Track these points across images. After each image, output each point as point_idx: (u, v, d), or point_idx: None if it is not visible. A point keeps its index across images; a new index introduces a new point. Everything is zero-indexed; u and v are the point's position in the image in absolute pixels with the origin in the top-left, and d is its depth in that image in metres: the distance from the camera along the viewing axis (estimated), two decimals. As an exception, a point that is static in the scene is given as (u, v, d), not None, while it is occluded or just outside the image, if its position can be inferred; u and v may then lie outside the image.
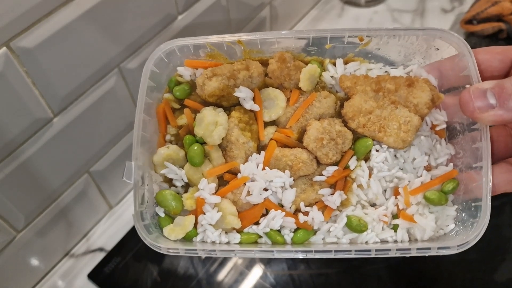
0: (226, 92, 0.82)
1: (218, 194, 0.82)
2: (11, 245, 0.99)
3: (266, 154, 0.82)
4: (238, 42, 0.83)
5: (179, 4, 1.09)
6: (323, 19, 1.68)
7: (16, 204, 0.95)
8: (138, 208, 0.79)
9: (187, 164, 0.83)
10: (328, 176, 0.82)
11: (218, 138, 0.81)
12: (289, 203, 0.81)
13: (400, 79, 0.82)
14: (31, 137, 0.92)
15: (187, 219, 0.81)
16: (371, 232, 0.81)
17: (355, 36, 0.83)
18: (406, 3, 1.71)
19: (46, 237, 1.08)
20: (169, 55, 0.85)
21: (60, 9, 0.85)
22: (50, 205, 1.05)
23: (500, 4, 1.48)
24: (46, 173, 0.99)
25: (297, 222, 0.81)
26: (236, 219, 0.80)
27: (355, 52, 0.85)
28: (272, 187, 0.81)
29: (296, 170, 0.81)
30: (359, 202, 0.83)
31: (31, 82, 0.86)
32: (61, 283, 1.13)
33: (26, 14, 0.80)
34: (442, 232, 0.81)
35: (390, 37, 0.82)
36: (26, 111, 0.88)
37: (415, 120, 0.78)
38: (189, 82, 0.87)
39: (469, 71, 0.77)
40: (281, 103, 0.84)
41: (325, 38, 0.83)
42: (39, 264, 1.10)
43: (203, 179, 0.81)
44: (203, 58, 0.86)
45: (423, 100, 0.79)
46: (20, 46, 0.82)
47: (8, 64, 0.81)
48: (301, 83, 0.84)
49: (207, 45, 0.84)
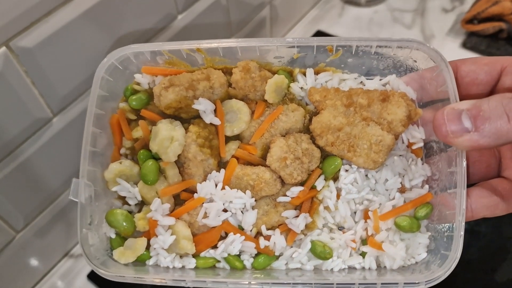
0: (184, 104, 0.76)
1: (172, 215, 0.76)
2: (10, 246, 0.99)
3: (226, 173, 0.76)
4: (198, 50, 0.77)
5: (178, 3, 1.07)
6: (323, 19, 1.66)
7: (15, 204, 0.95)
8: (85, 229, 0.74)
9: (141, 181, 0.77)
10: (293, 197, 0.75)
11: (174, 155, 0.74)
12: (250, 226, 0.76)
13: (374, 93, 0.75)
14: (30, 137, 0.91)
15: (138, 241, 0.75)
16: (337, 258, 0.76)
17: (325, 47, 0.76)
18: (406, 3, 1.68)
19: (46, 237, 1.07)
20: (124, 62, 0.79)
21: (59, 9, 0.84)
22: (49, 205, 1.04)
23: (500, 3, 1.46)
24: (46, 173, 0.98)
25: (257, 247, 0.75)
26: (190, 244, 0.74)
27: (327, 62, 0.79)
28: (231, 208, 0.75)
29: (258, 191, 0.75)
30: (326, 225, 0.77)
31: (31, 81, 0.85)
32: (61, 284, 1.13)
33: (25, 14, 0.79)
34: (414, 261, 0.75)
35: (361, 47, 0.75)
36: (25, 110, 0.87)
37: (387, 139, 0.72)
38: (147, 91, 0.81)
39: (447, 87, 0.70)
40: (244, 117, 0.78)
41: (294, 48, 0.76)
42: (38, 264, 1.10)
43: (156, 198, 0.75)
44: (162, 65, 0.80)
45: (398, 117, 0.72)
46: (20, 46, 0.81)
47: (7, 64, 0.80)
48: (267, 95, 0.77)
49: (164, 52, 0.77)
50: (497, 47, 1.48)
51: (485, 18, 1.49)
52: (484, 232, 1.10)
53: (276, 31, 1.55)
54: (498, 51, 1.46)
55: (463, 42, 1.51)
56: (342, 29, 1.61)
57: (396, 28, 1.60)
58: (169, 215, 0.76)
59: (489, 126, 0.61)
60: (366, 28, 1.61)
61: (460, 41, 1.52)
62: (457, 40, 1.53)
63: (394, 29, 1.59)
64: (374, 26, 1.62)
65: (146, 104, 0.80)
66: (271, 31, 1.51)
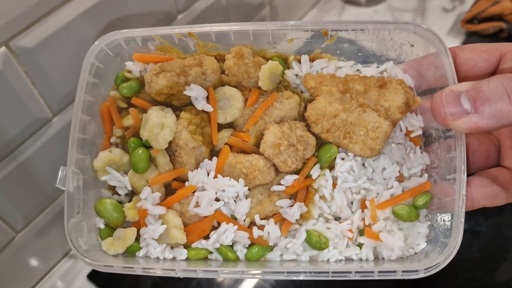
0: (175, 90, 0.74)
1: (163, 204, 0.74)
2: (10, 246, 0.99)
3: (218, 161, 0.74)
4: (189, 35, 0.75)
5: (178, 3, 1.07)
6: (324, 19, 1.65)
7: (15, 204, 0.95)
8: (73, 219, 0.72)
9: (131, 170, 0.75)
10: (287, 186, 0.73)
11: (164, 142, 0.72)
12: (243, 216, 0.73)
13: (370, 79, 0.73)
14: (30, 137, 0.91)
15: (128, 232, 0.73)
16: (333, 249, 0.73)
17: (319, 31, 0.74)
18: (406, 2, 1.68)
19: (45, 237, 1.07)
20: (116, 49, 0.77)
21: (59, 9, 0.83)
22: (49, 206, 1.04)
23: (500, 3, 1.46)
24: (45, 173, 0.98)
25: (251, 237, 0.73)
26: (181, 233, 0.72)
27: (322, 47, 0.77)
28: (224, 197, 0.73)
29: (252, 179, 0.73)
30: (321, 215, 0.75)
31: (30, 81, 0.85)
32: (61, 284, 1.13)
33: (25, 14, 0.79)
34: (412, 252, 0.72)
35: (357, 32, 0.73)
36: (25, 110, 0.87)
37: (384, 126, 0.70)
38: (138, 79, 0.79)
39: (445, 70, 0.68)
40: (238, 104, 0.76)
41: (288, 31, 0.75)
42: (38, 264, 1.10)
43: (146, 187, 0.73)
44: (154, 51, 0.78)
45: (395, 104, 0.71)
46: (19, 46, 0.80)
47: (7, 64, 0.80)
48: (260, 82, 0.75)
49: (155, 38, 0.76)
50: (498, 46, 1.47)
51: (485, 18, 1.48)
52: (484, 231, 1.09)
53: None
54: (499, 50, 1.45)
55: (463, 42, 1.50)
56: (342, 29, 1.62)
57: (396, 28, 1.61)
58: (159, 204, 0.74)
59: (489, 108, 0.59)
60: (366, 29, 1.62)
61: (460, 41, 1.51)
62: (457, 40, 1.52)
63: (394, 29, 1.60)
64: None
65: (137, 92, 0.78)
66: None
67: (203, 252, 0.74)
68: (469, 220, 1.07)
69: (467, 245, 1.10)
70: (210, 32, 0.75)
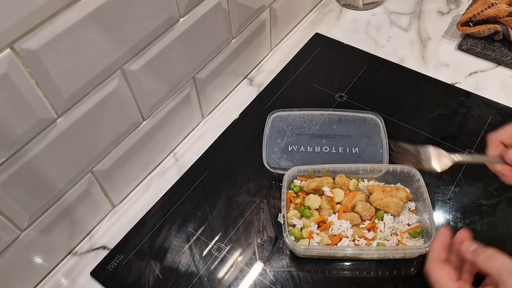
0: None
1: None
2: (15, 244, 0.97)
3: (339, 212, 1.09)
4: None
5: (180, 7, 1.07)
6: (322, 22, 1.67)
7: (20, 203, 0.93)
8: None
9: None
10: (366, 225, 1.08)
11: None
12: (350, 236, 1.07)
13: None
14: (35, 137, 0.89)
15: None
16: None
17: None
18: (403, 6, 1.68)
19: (50, 235, 1.05)
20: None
21: (64, 11, 0.82)
22: (53, 204, 1.02)
23: (496, 6, 1.45)
24: (50, 172, 0.96)
25: (355, 245, 1.06)
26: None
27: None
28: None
29: (353, 221, 1.08)
30: (381, 237, 1.08)
31: (35, 83, 0.84)
32: (64, 281, 1.10)
33: (30, 16, 0.78)
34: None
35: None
36: (30, 112, 0.86)
37: (401, 203, 1.07)
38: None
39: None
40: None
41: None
42: (42, 262, 1.08)
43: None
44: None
45: (403, 196, 1.09)
46: (24, 48, 0.79)
47: (12, 66, 0.79)
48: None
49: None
50: (493, 49, 1.47)
51: (481, 21, 1.48)
52: (479, 230, 1.08)
53: (276, 33, 1.56)
54: (494, 53, 1.45)
55: (459, 44, 1.50)
56: (340, 31, 1.61)
57: (393, 30, 1.60)
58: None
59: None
60: (364, 31, 1.62)
61: (455, 43, 1.52)
62: (453, 42, 1.53)
63: (391, 32, 1.60)
64: (371, 28, 1.63)
65: (299, 190, 1.14)
66: (270, 34, 1.52)
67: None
68: (464, 219, 1.09)
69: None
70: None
